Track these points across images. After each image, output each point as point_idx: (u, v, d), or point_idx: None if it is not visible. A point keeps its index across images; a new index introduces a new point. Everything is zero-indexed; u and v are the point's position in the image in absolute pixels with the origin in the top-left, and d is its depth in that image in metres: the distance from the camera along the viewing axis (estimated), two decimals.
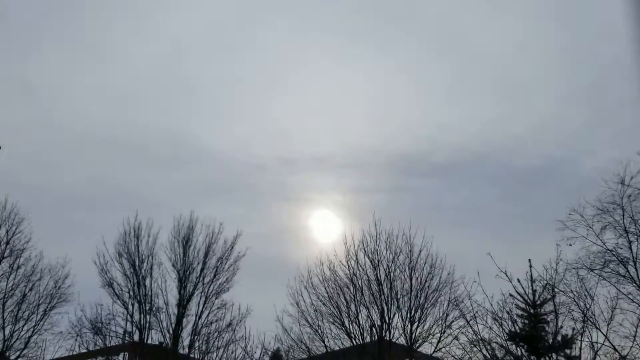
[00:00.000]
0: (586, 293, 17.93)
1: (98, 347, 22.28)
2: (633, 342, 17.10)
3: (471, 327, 18.00)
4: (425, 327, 20.81)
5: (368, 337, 21.03)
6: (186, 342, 22.33)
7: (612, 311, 17.48)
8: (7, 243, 22.75)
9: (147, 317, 22.55)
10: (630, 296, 18.14)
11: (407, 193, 42.26)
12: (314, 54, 47.23)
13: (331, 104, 48.20)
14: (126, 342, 22.46)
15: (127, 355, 23.58)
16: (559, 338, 15.75)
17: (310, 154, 45.34)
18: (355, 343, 20.98)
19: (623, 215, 18.89)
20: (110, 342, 22.25)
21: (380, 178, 42.89)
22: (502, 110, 44.92)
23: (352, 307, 21.36)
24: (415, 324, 20.71)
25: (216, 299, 23.21)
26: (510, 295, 16.38)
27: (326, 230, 34.28)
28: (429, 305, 20.94)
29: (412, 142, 45.25)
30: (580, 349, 16.42)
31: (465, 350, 18.52)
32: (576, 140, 41.19)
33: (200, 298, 23.07)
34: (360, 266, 21.84)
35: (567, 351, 15.61)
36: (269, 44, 47.43)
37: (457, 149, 43.12)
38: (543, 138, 41.69)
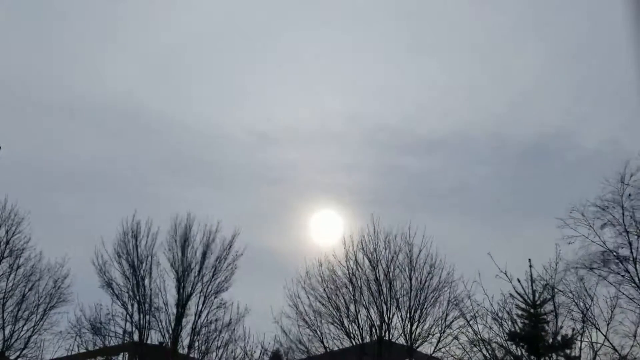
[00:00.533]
0: (586, 293, 17.93)
1: (97, 347, 22.27)
2: (633, 342, 17.07)
3: (471, 327, 18.01)
4: (425, 327, 20.81)
5: (368, 337, 21.00)
6: (186, 342, 22.37)
7: (612, 311, 17.47)
8: (7, 243, 22.73)
9: (147, 317, 22.57)
10: (630, 296, 18.10)
11: (397, 172, 42.22)
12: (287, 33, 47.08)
13: (308, 78, 48.29)
14: (126, 342, 22.45)
15: (126, 355, 23.58)
16: (559, 338, 15.73)
17: (286, 128, 45.45)
18: (354, 343, 20.95)
19: (623, 214, 18.85)
20: (109, 342, 22.24)
21: (362, 155, 42.84)
22: (487, 82, 45.00)
23: (352, 307, 21.35)
24: (415, 323, 20.69)
25: (215, 298, 23.24)
26: (510, 295, 16.36)
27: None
28: (428, 305, 20.91)
29: (397, 115, 45.39)
30: (580, 349, 16.44)
31: (465, 350, 18.51)
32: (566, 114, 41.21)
33: (199, 298, 23.10)
34: (360, 266, 21.83)
35: (567, 351, 15.59)
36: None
37: (443, 120, 43.20)
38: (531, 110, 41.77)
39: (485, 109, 44.73)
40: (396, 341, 20.83)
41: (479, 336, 17.62)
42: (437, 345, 20.49)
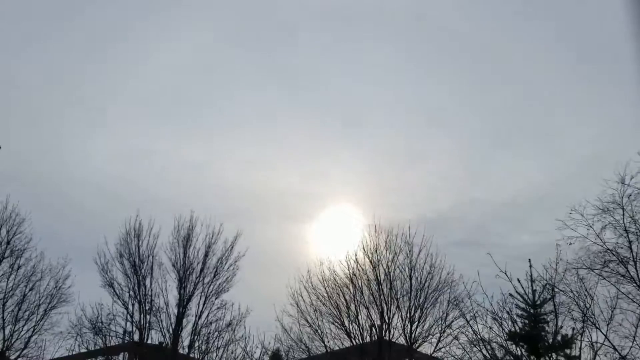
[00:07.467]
0: (586, 293, 17.92)
1: (98, 347, 22.29)
2: (633, 342, 17.09)
3: (471, 327, 17.97)
4: (425, 327, 20.87)
5: (368, 337, 21.04)
6: (186, 342, 22.39)
7: (612, 311, 17.47)
8: (8, 243, 22.74)
9: (147, 317, 22.58)
10: (630, 296, 18.10)
11: None
12: None
13: None
14: (126, 342, 22.47)
15: (127, 355, 23.60)
16: (559, 338, 15.70)
17: None
18: (355, 343, 20.98)
19: (623, 215, 18.84)
20: (110, 342, 22.25)
21: None
22: None
23: (352, 307, 21.39)
24: (415, 323, 20.74)
25: (216, 299, 23.26)
26: (510, 295, 16.35)
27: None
28: (428, 305, 20.97)
29: None
30: (580, 348, 16.41)
31: (465, 350, 18.50)
32: None
33: (200, 298, 23.11)
34: (360, 266, 21.90)
35: (567, 351, 15.56)
36: None
37: None
38: None
39: None
40: (396, 341, 20.87)
41: (479, 336, 17.61)
42: (437, 345, 20.57)
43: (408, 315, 20.79)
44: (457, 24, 45.45)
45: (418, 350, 20.95)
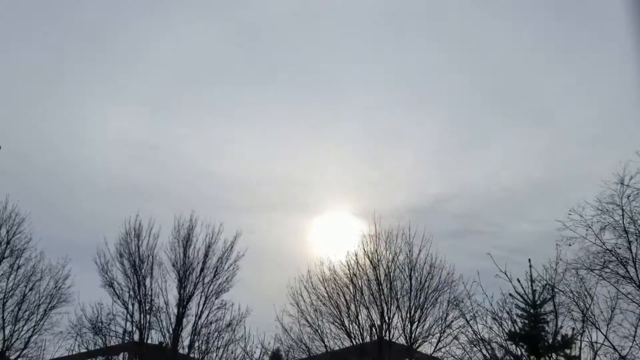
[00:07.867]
0: (586, 293, 17.95)
1: (98, 347, 22.28)
2: (633, 342, 17.12)
3: (471, 327, 17.98)
4: (425, 327, 20.89)
5: (368, 337, 21.06)
6: (186, 342, 22.39)
7: (612, 311, 17.51)
8: (8, 243, 22.74)
9: (147, 317, 22.58)
10: (629, 296, 18.14)
11: None
12: None
13: None
14: (126, 342, 22.46)
15: (127, 355, 23.60)
16: (559, 338, 15.72)
17: None
18: (355, 343, 21.00)
19: (622, 216, 18.85)
20: (110, 342, 22.25)
21: None
22: None
23: (352, 307, 21.40)
24: (415, 323, 20.76)
25: (216, 299, 23.26)
26: (510, 295, 16.37)
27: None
28: (428, 305, 21.00)
29: None
30: (580, 348, 16.44)
31: (465, 350, 18.52)
32: None
33: (200, 298, 23.11)
34: (360, 266, 21.91)
35: (567, 351, 15.58)
36: None
37: None
38: None
39: None
40: (396, 341, 20.89)
41: (479, 336, 17.63)
42: (437, 345, 20.60)
43: (408, 315, 20.83)
44: (458, 20, 45.52)
45: (418, 350, 20.97)
